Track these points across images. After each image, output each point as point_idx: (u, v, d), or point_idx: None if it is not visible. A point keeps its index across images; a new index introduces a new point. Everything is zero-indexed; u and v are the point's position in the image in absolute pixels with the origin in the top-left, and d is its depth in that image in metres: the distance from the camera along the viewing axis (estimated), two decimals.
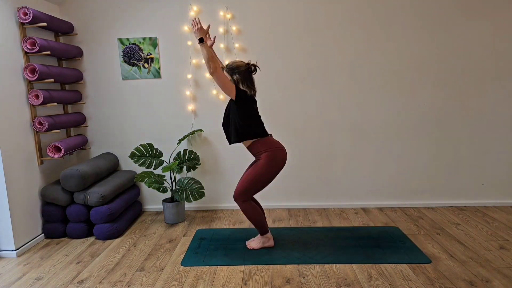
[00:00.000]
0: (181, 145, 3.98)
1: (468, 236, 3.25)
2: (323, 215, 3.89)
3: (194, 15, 3.81)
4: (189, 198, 3.62)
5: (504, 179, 3.98)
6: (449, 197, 4.04)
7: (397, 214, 3.86)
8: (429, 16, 3.77)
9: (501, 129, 3.91)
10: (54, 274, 2.80)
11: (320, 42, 3.84)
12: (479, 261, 2.80)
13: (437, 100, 3.89)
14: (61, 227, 3.45)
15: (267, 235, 3.09)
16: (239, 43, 3.86)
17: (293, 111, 3.96)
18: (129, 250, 3.18)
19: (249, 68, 2.87)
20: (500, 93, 3.86)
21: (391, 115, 3.93)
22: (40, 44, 3.24)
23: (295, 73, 3.90)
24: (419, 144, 3.97)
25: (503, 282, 2.50)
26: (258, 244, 3.09)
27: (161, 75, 3.94)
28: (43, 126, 3.34)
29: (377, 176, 4.04)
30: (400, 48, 3.83)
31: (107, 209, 3.37)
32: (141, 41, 3.88)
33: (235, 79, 2.83)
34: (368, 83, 3.89)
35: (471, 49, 3.81)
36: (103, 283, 2.64)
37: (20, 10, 3.20)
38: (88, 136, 4.07)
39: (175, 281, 2.65)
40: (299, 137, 3.99)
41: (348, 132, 3.98)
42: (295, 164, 4.03)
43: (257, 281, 2.60)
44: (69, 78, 3.71)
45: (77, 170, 3.36)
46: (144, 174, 3.60)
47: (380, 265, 2.77)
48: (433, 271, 2.68)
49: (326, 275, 2.66)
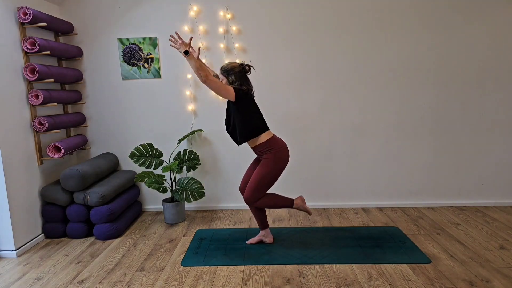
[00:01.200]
0: (181, 145, 3.98)
1: (468, 236, 3.25)
2: (323, 215, 3.89)
3: (193, 15, 3.81)
4: (189, 198, 3.62)
5: (504, 179, 3.98)
6: (449, 197, 4.04)
7: (397, 214, 3.86)
8: (429, 16, 3.77)
9: (501, 129, 3.91)
10: (54, 274, 2.80)
11: (320, 42, 3.84)
12: (479, 261, 2.80)
13: (437, 100, 3.89)
14: (61, 227, 3.45)
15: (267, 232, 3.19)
16: (239, 43, 3.86)
17: (293, 111, 3.96)
18: (129, 250, 3.18)
19: (243, 68, 2.90)
20: (500, 93, 3.86)
21: (391, 115, 3.93)
22: (40, 44, 3.24)
23: (295, 73, 3.90)
24: (419, 144, 3.97)
25: (503, 282, 2.50)
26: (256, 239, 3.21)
27: (161, 75, 3.94)
28: (43, 126, 3.34)
29: (377, 176, 4.04)
30: (400, 48, 3.83)
31: (107, 209, 3.37)
32: (141, 41, 3.88)
33: (231, 80, 2.85)
34: (368, 83, 3.89)
35: (471, 49, 3.80)
36: (103, 283, 2.64)
37: (20, 10, 3.20)
38: (88, 136, 4.07)
39: (175, 281, 2.65)
40: (299, 137, 3.99)
41: (348, 132, 3.98)
42: (295, 164, 4.03)
43: (257, 281, 2.60)
44: (69, 78, 3.71)
45: (77, 170, 3.36)
46: (144, 174, 3.60)
47: (380, 265, 2.77)
48: (433, 271, 2.68)
49: (326, 275, 2.66)
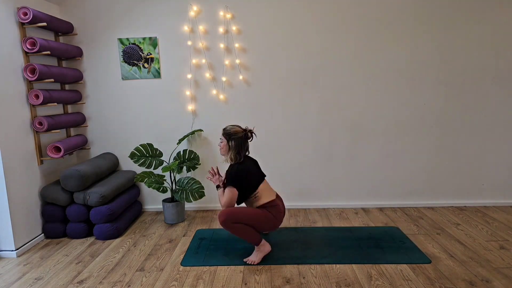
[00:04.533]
0: (181, 145, 3.98)
1: (468, 236, 3.25)
2: (323, 215, 3.89)
3: (193, 15, 3.81)
4: (189, 198, 3.62)
5: (504, 179, 3.99)
6: (449, 197, 4.04)
7: (397, 214, 3.86)
8: (429, 16, 3.77)
9: (501, 129, 3.91)
10: (54, 274, 2.80)
11: (320, 42, 3.84)
12: (479, 261, 2.80)
13: (437, 100, 3.89)
14: (61, 227, 3.45)
15: (262, 243, 2.90)
16: (239, 43, 3.86)
17: (293, 111, 3.96)
18: (129, 250, 3.18)
19: (246, 134, 2.89)
20: (500, 93, 3.86)
21: (391, 115, 3.93)
22: (40, 44, 3.24)
23: (295, 73, 3.90)
24: (419, 144, 3.97)
25: (503, 282, 2.50)
26: (258, 256, 2.89)
27: (161, 75, 3.94)
28: (43, 126, 3.34)
29: (377, 176, 4.04)
30: (400, 48, 3.82)
31: (107, 209, 3.37)
32: (141, 41, 3.88)
33: (230, 145, 2.85)
34: (368, 83, 3.89)
35: (471, 49, 3.80)
36: (103, 283, 2.64)
37: (20, 10, 3.20)
38: (88, 136, 4.07)
39: (175, 281, 2.65)
40: (299, 137, 3.99)
41: (348, 132, 3.98)
42: (295, 164, 4.03)
43: (257, 281, 2.60)
44: (69, 78, 3.71)
45: (77, 170, 3.36)
46: (144, 174, 3.60)
47: (380, 265, 2.77)
48: (433, 271, 2.68)
49: (326, 275, 2.66)
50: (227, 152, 2.89)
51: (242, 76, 3.91)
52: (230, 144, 2.85)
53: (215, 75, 3.93)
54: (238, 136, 2.85)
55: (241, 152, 2.87)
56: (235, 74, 3.91)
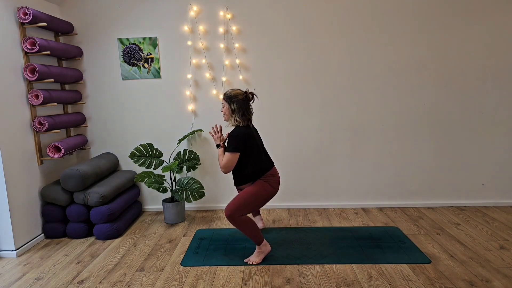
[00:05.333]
0: (181, 145, 3.98)
1: (468, 236, 3.25)
2: (323, 215, 3.89)
3: (193, 15, 3.81)
4: (189, 198, 3.62)
5: (504, 179, 3.98)
6: (449, 197, 4.04)
7: (397, 214, 3.86)
8: (429, 16, 3.77)
9: (501, 129, 3.91)
10: (54, 274, 2.80)
11: (320, 42, 3.84)
12: (479, 261, 2.80)
13: (437, 100, 3.89)
14: (61, 227, 3.45)
15: (264, 243, 2.91)
16: (239, 43, 3.86)
17: (293, 111, 3.96)
18: (129, 250, 3.18)
19: (247, 96, 2.88)
20: (500, 93, 3.86)
21: (391, 115, 3.93)
22: (40, 44, 3.24)
23: (295, 73, 3.90)
24: (419, 144, 3.97)
25: (503, 282, 2.50)
26: (259, 257, 2.89)
27: (161, 75, 3.94)
28: (43, 126, 3.34)
29: (377, 176, 4.04)
30: (400, 48, 3.82)
31: (107, 209, 3.37)
32: (141, 41, 3.88)
33: (233, 107, 2.84)
34: (368, 83, 3.89)
35: (471, 50, 3.80)
36: (103, 283, 2.64)
37: (20, 10, 3.20)
38: (88, 136, 4.07)
39: (175, 281, 2.65)
40: (299, 137, 3.99)
41: (348, 132, 3.98)
42: (295, 164, 4.03)
43: (257, 281, 2.60)
44: (69, 78, 3.71)
45: (77, 170, 3.36)
46: (144, 174, 3.60)
47: (380, 265, 2.77)
48: (433, 271, 2.67)
49: (326, 275, 2.66)
50: (230, 116, 2.87)
51: (242, 76, 3.91)
52: (233, 107, 2.84)
53: (215, 75, 3.93)
54: (239, 98, 2.84)
55: (245, 114, 2.85)
56: (235, 74, 3.92)
